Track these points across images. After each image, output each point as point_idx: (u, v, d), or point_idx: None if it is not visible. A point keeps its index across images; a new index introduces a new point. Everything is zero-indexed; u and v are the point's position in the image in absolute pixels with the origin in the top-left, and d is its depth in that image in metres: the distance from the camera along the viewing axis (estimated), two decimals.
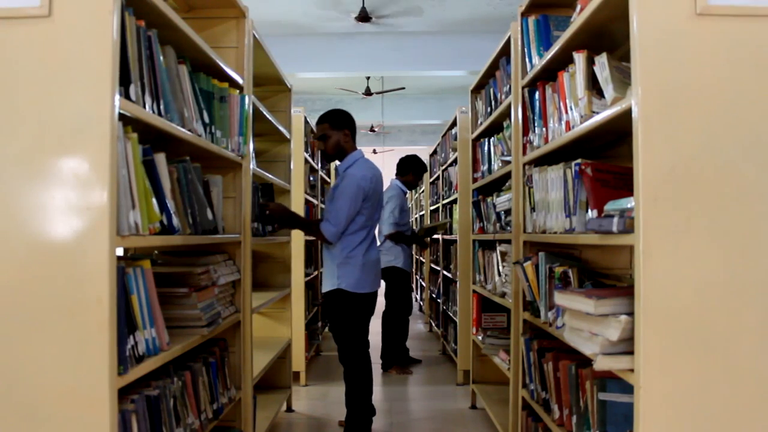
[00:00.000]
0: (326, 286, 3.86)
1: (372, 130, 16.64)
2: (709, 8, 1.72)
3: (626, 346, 1.77)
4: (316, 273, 6.35)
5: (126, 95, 1.77)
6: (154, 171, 2.00)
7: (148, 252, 2.70)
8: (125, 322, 1.73)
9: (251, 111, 3.18)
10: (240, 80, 2.99)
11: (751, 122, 1.72)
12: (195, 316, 2.38)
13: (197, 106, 2.45)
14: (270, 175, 3.88)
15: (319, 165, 6.49)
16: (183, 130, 2.23)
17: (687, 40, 1.73)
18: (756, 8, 1.72)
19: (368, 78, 12.57)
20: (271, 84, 4.44)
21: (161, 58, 2.09)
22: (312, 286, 6.14)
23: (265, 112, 3.68)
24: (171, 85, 2.20)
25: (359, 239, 3.77)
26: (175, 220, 2.11)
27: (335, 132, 3.84)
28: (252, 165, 3.24)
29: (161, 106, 2.04)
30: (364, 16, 9.08)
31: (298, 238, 5.23)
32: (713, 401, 1.69)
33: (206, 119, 2.54)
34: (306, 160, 5.54)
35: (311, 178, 6.07)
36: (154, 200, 1.93)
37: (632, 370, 1.73)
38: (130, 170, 1.78)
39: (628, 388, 1.76)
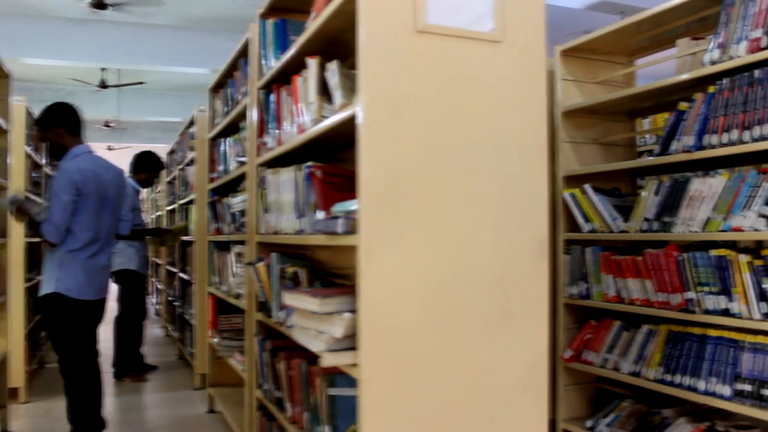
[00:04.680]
0: (43, 289, 3.51)
1: (107, 125, 15.69)
2: (428, 27, 1.86)
3: (351, 342, 1.84)
4: (39, 278, 5.83)
5: None
6: None
7: None
8: None
9: None
10: None
11: (461, 132, 1.89)
12: None
13: None
14: None
15: (45, 161, 5.98)
16: None
17: (408, 54, 1.85)
18: (465, 31, 1.90)
19: (104, 69, 11.83)
20: None
21: None
22: (34, 293, 5.63)
23: None
24: None
25: (85, 240, 3.49)
26: None
27: (47, 133, 3.60)
28: None
29: None
30: (100, 3, 8.54)
31: (17, 240, 4.77)
32: (428, 390, 1.83)
33: None
34: (28, 155, 5.07)
35: (34, 175, 5.56)
36: None
37: (356, 365, 1.80)
38: None
39: (355, 383, 1.83)
